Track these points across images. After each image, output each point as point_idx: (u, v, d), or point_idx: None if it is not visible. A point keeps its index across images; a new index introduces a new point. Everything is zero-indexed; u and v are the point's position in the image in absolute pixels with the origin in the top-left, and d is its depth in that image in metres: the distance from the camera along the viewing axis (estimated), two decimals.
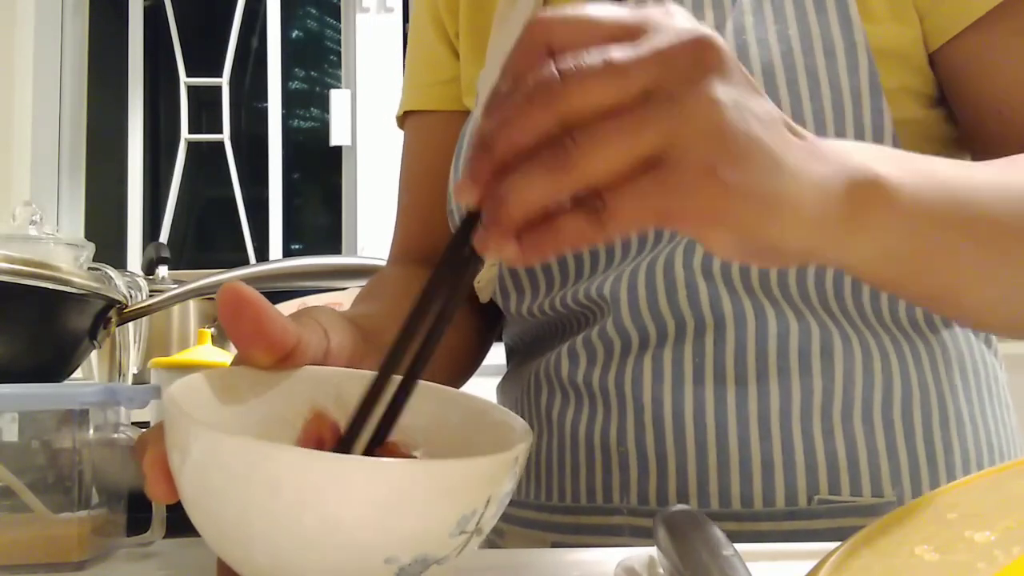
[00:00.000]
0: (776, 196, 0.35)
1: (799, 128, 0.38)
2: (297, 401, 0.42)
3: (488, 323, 0.74)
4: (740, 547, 0.36)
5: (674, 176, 0.33)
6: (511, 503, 0.66)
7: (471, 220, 0.36)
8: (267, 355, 0.40)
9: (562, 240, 0.35)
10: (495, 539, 0.68)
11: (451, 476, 0.33)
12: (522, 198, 0.34)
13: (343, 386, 0.42)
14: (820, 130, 0.56)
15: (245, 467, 0.31)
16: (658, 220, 0.34)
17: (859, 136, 0.56)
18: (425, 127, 0.77)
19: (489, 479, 0.34)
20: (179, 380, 0.37)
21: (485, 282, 0.67)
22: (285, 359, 0.41)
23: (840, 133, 0.56)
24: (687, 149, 0.33)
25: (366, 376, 0.40)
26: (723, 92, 0.34)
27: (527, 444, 0.36)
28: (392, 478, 0.31)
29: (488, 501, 0.34)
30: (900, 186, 0.40)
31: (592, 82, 0.33)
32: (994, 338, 0.63)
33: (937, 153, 0.52)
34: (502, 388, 0.72)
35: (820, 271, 0.57)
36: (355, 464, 0.32)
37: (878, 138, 0.56)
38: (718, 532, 0.37)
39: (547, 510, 0.62)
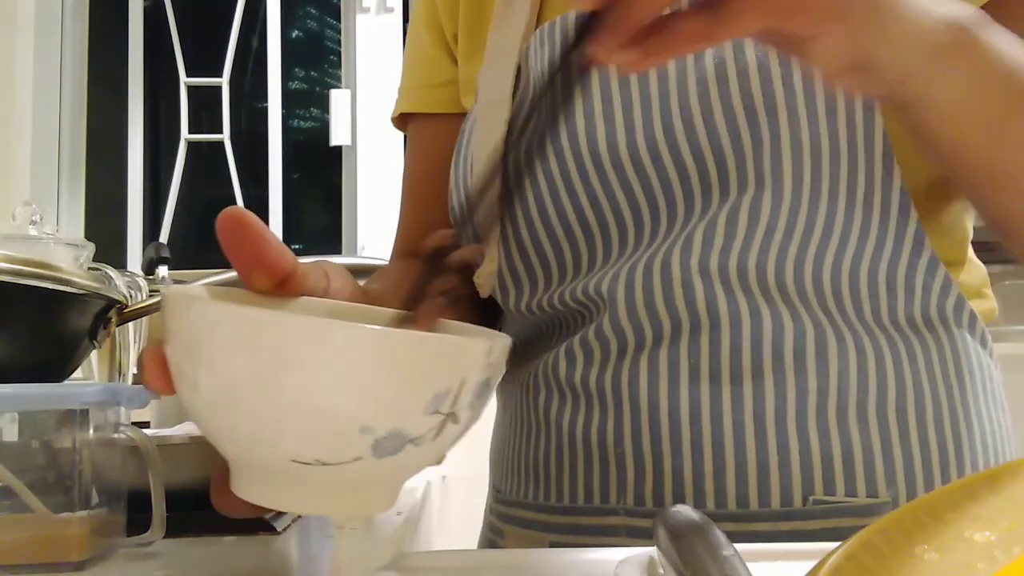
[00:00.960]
0: (890, 6, 0.37)
1: None
2: None
3: (488, 323, 0.74)
4: (740, 547, 0.36)
5: None
6: (509, 503, 0.66)
7: (590, 23, 0.37)
8: (266, 278, 0.40)
9: (678, 41, 0.35)
10: (494, 539, 0.68)
11: (424, 348, 0.33)
12: None
13: (339, 314, 0.43)
14: (811, 112, 0.56)
15: (229, 330, 0.33)
16: (776, 14, 0.35)
17: (850, 118, 0.56)
18: (423, 130, 0.78)
19: (462, 359, 0.34)
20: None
21: (485, 277, 0.67)
22: (282, 284, 0.41)
23: (831, 111, 0.56)
24: None
25: (360, 309, 0.42)
26: None
27: (505, 343, 0.37)
28: (366, 344, 0.32)
29: (462, 384, 0.34)
30: (992, 41, 0.43)
31: None
32: (990, 338, 0.63)
33: None
34: (501, 388, 0.72)
35: (817, 267, 0.57)
36: (330, 327, 0.32)
37: (868, 129, 0.56)
38: (718, 532, 0.37)
39: (545, 510, 0.63)
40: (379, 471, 0.35)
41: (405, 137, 0.82)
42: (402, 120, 0.80)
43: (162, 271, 1.35)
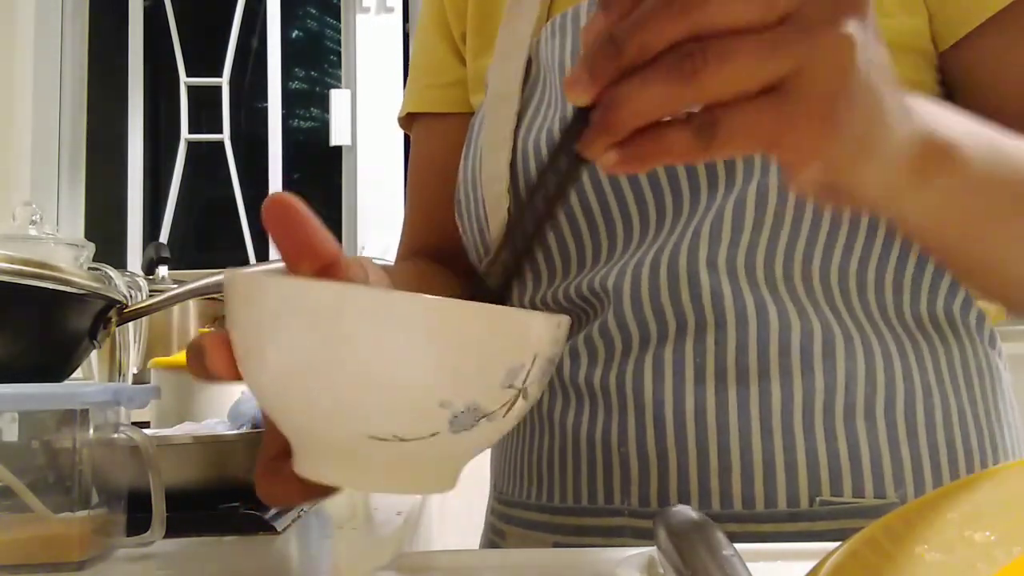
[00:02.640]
0: (874, 143, 0.37)
1: (895, 80, 0.39)
2: None
3: None
4: (740, 547, 0.36)
5: (792, 104, 0.34)
6: (512, 503, 0.66)
7: (581, 118, 0.36)
8: (311, 264, 0.40)
9: (666, 152, 0.35)
10: (495, 540, 0.68)
11: (501, 322, 0.34)
12: (640, 104, 0.34)
13: None
14: None
15: (310, 305, 0.33)
16: (763, 146, 0.35)
17: None
18: (429, 130, 0.78)
19: (536, 335, 0.35)
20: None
21: (491, 267, 0.67)
22: (325, 271, 0.41)
23: None
24: (814, 80, 0.34)
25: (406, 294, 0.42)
26: (858, 33, 0.34)
27: (567, 320, 0.37)
28: (445, 317, 0.33)
29: (535, 359, 0.35)
30: (965, 148, 0.42)
31: None
32: (998, 338, 0.63)
33: None
34: None
35: (826, 264, 0.56)
36: (411, 300, 0.33)
37: None
38: (718, 532, 0.37)
39: (548, 511, 0.62)
40: (453, 447, 0.35)
41: (406, 137, 0.82)
42: (408, 120, 0.80)
43: (162, 271, 1.35)
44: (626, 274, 0.59)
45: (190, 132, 2.16)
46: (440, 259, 0.76)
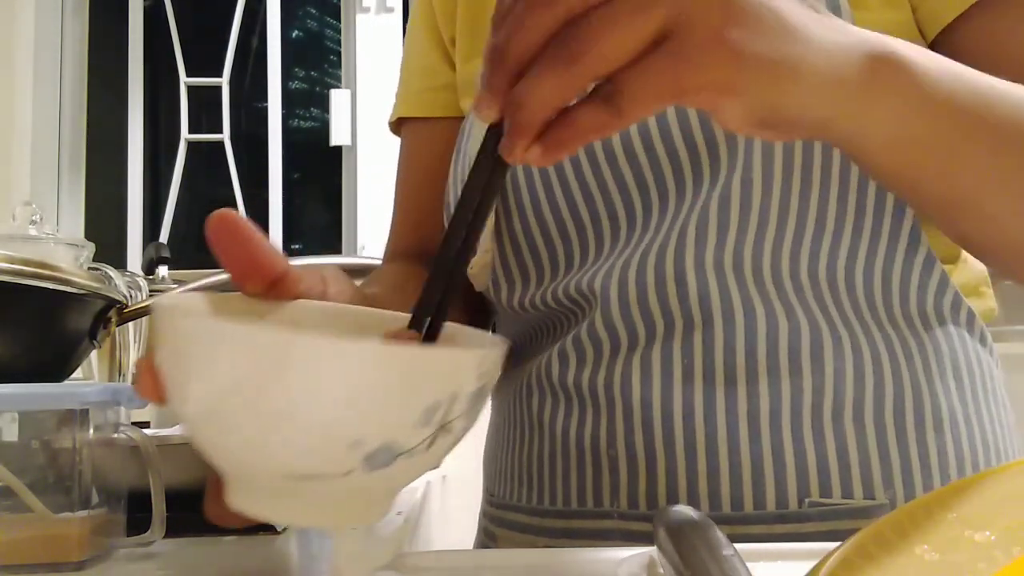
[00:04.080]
0: (789, 61, 0.36)
1: (821, 7, 0.39)
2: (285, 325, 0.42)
3: (479, 317, 0.74)
4: (740, 547, 0.36)
5: (684, 47, 0.34)
6: (502, 507, 0.66)
7: (494, 134, 0.37)
8: (257, 281, 0.40)
9: (582, 131, 0.35)
10: (488, 543, 0.68)
11: (414, 363, 0.33)
12: (539, 96, 0.34)
13: (335, 318, 0.42)
14: None
15: (214, 345, 0.32)
16: (672, 96, 0.35)
17: None
18: (420, 133, 0.78)
19: (453, 373, 0.34)
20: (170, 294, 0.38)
21: (479, 268, 0.67)
22: (274, 286, 0.41)
23: None
24: (695, 18, 0.34)
25: (357, 311, 0.41)
26: None
27: (497, 353, 0.37)
28: (354, 359, 0.32)
29: (454, 396, 0.34)
30: (920, 65, 0.40)
31: None
32: (989, 336, 0.63)
33: None
34: (496, 391, 0.72)
35: (813, 260, 0.56)
36: (317, 343, 0.32)
37: None
38: (718, 532, 0.37)
39: (539, 514, 0.62)
40: (371, 483, 0.35)
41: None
42: (398, 124, 0.80)
43: (162, 271, 1.35)
44: (613, 275, 0.58)
45: (190, 132, 2.15)
46: (425, 261, 0.76)
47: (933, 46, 0.59)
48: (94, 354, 1.01)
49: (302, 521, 0.37)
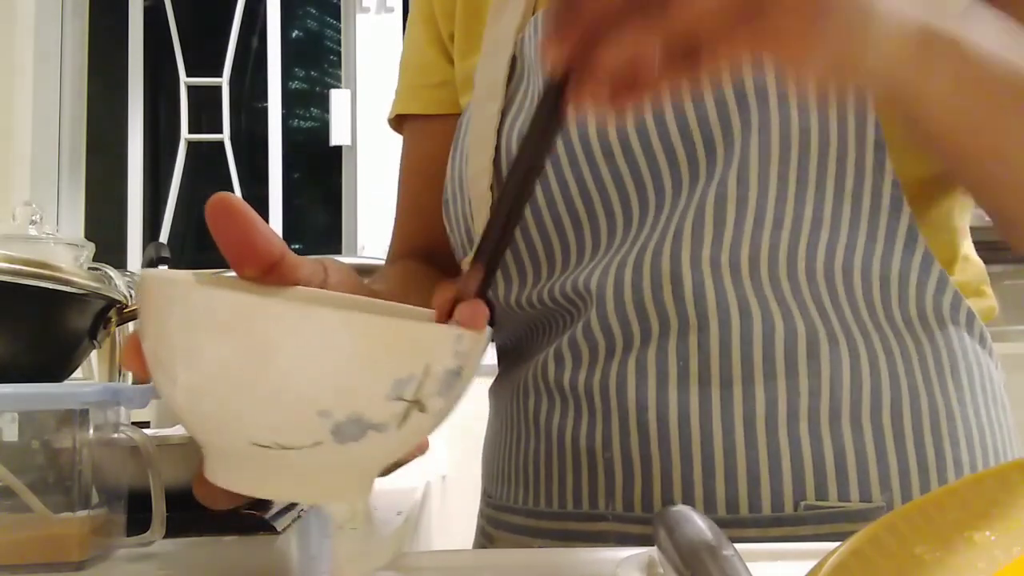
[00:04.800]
0: (871, 15, 0.38)
1: None
2: None
3: None
4: (740, 547, 0.36)
5: (771, 23, 0.35)
6: (500, 508, 0.66)
7: (555, 87, 0.37)
8: (253, 264, 0.40)
9: (654, 82, 0.36)
10: (485, 544, 0.68)
11: (384, 332, 0.33)
12: (619, 48, 0.35)
13: (329, 304, 0.42)
14: (802, 99, 0.56)
15: (183, 310, 0.33)
16: (754, 47, 0.36)
17: (841, 108, 0.56)
18: (419, 131, 0.78)
19: (425, 345, 0.34)
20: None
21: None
22: (270, 271, 0.41)
23: (823, 99, 0.56)
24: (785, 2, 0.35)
25: (355, 299, 0.42)
26: None
27: (480, 333, 0.36)
28: (322, 325, 0.32)
29: (426, 370, 0.34)
30: (988, 41, 0.43)
31: None
32: (989, 337, 0.63)
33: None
34: (494, 390, 0.72)
35: (811, 260, 0.56)
36: (283, 307, 0.32)
37: (860, 120, 0.56)
38: (718, 532, 0.37)
39: (535, 516, 0.62)
40: (342, 457, 0.34)
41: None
42: (398, 121, 0.80)
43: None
44: (609, 274, 0.58)
45: (190, 132, 2.16)
46: (430, 260, 0.75)
47: None
48: (94, 354, 1.01)
49: (275, 494, 0.37)
